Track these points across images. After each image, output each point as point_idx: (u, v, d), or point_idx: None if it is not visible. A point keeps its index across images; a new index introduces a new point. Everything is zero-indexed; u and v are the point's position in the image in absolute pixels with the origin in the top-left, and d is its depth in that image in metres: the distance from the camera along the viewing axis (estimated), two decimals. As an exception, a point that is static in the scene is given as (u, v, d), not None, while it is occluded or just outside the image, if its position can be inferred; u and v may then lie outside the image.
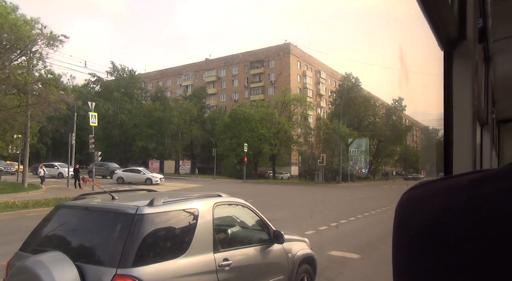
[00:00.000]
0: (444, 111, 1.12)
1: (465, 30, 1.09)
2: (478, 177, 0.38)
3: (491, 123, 2.66)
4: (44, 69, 21.95)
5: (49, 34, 20.04)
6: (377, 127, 49.16)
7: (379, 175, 56.66)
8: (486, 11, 1.54)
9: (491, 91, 2.47)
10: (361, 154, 48.34)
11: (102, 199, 3.61)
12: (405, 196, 0.45)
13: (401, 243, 0.42)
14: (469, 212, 0.36)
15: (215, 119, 52.64)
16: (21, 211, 12.56)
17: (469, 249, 0.34)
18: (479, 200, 0.36)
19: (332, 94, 58.50)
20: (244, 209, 4.16)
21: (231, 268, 3.37)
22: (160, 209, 3.05)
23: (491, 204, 0.35)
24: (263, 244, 4.00)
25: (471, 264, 0.34)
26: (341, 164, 42.63)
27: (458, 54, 1.10)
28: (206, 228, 3.31)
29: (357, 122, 50.17)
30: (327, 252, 7.70)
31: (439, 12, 0.91)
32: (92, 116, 21.24)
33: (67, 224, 3.37)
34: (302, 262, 4.46)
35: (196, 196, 3.68)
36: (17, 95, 20.63)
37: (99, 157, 23.60)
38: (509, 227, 0.33)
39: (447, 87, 1.11)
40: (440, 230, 0.37)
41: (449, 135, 1.11)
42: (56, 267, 2.59)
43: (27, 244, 3.23)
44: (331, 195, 24.63)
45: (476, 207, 0.36)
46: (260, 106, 47.27)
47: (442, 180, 0.43)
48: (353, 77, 55.09)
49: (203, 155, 55.45)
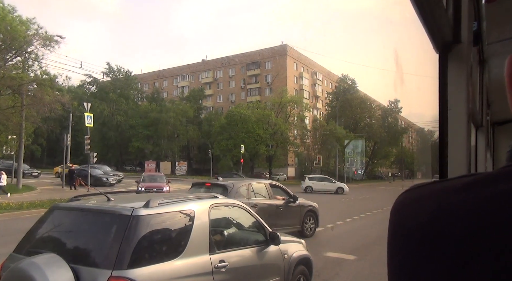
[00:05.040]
0: (439, 113, 1.13)
1: (459, 33, 1.10)
2: (472, 180, 0.39)
3: (485, 126, 2.68)
4: (39, 69, 21.87)
5: (44, 35, 19.97)
6: (373, 129, 49.36)
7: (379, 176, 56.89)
8: (480, 14, 1.56)
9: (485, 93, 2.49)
10: (357, 156, 48.48)
11: (98, 200, 3.59)
12: (400, 198, 0.45)
13: (396, 245, 0.42)
14: (463, 214, 0.36)
15: (212, 120, 52.55)
16: (15, 213, 12.46)
17: (462, 251, 0.35)
18: (473, 203, 0.36)
19: (329, 95, 58.69)
20: (240, 210, 4.16)
21: (227, 269, 3.37)
22: (156, 210, 3.04)
23: (484, 207, 0.35)
24: (259, 246, 3.99)
25: (464, 266, 0.34)
26: (338, 165, 42.75)
27: (453, 57, 1.11)
28: (202, 229, 3.30)
29: (353, 124, 50.35)
30: (323, 253, 7.71)
31: (434, 16, 0.91)
32: (88, 117, 21.12)
33: (62, 226, 3.34)
34: (298, 263, 4.47)
35: (192, 197, 3.67)
36: (11, 95, 20.50)
37: (95, 158, 23.47)
38: (502, 230, 0.33)
39: (442, 89, 1.12)
40: (434, 232, 0.37)
41: (444, 137, 1.12)
42: (50, 269, 2.56)
43: (22, 245, 3.20)
44: (327, 196, 24.65)
45: (470, 210, 0.36)
46: (257, 108, 47.27)
47: (436, 183, 0.43)
48: (349, 79, 55.34)
49: (200, 156, 55.37)
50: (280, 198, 9.33)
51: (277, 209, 8.95)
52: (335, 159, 42.74)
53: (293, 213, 9.31)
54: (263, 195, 8.98)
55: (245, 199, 8.28)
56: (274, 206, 8.91)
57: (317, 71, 62.84)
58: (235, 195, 8.03)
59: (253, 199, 8.52)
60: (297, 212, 9.43)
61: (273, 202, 8.99)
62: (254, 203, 8.38)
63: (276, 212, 8.85)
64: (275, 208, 8.91)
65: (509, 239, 0.32)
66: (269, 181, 10.74)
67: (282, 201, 9.24)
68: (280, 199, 9.27)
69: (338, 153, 42.66)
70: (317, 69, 62.80)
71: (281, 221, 8.73)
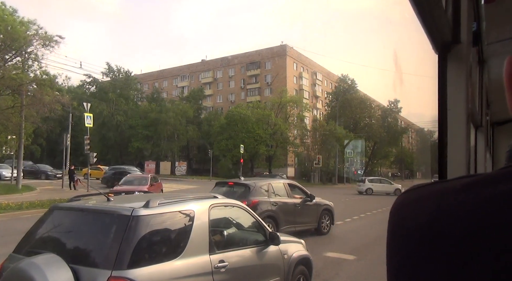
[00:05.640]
0: (439, 113, 1.13)
1: (459, 33, 1.10)
2: (471, 181, 0.39)
3: (485, 126, 2.68)
4: (39, 70, 21.86)
5: (44, 35, 19.97)
6: (373, 129, 49.31)
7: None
8: (480, 14, 1.56)
9: (485, 93, 2.49)
10: (357, 155, 48.50)
11: (97, 200, 3.59)
12: (400, 199, 0.45)
13: (395, 245, 0.43)
14: (462, 215, 0.36)
15: (212, 120, 52.54)
16: (15, 213, 12.45)
17: (461, 252, 0.35)
18: (472, 204, 0.36)
19: (328, 96, 58.65)
20: (240, 210, 4.16)
21: (227, 269, 3.37)
22: (156, 210, 3.04)
23: (484, 208, 0.35)
24: (259, 246, 3.99)
25: (463, 266, 0.34)
26: (337, 165, 42.75)
27: (452, 58, 1.11)
28: (202, 229, 3.31)
29: (353, 124, 50.32)
30: (323, 253, 7.71)
31: (433, 16, 0.91)
32: (87, 117, 21.09)
33: (62, 226, 3.34)
34: (298, 263, 4.47)
35: (192, 197, 3.67)
36: (11, 96, 20.49)
37: (94, 158, 23.45)
38: (502, 231, 0.33)
39: (442, 90, 1.12)
40: (434, 233, 0.37)
41: (444, 138, 1.12)
42: (50, 269, 2.56)
43: (21, 246, 3.19)
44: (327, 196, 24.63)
45: (469, 211, 0.36)
46: (257, 108, 47.26)
47: (436, 184, 0.43)
48: (349, 79, 55.29)
49: (199, 156, 55.31)
50: (298, 197, 9.73)
51: (295, 207, 9.32)
52: (335, 159, 42.74)
53: (310, 211, 9.74)
54: (282, 193, 9.35)
55: (266, 197, 8.73)
56: (292, 204, 9.29)
57: (317, 71, 62.83)
58: (257, 193, 8.57)
59: (273, 197, 8.92)
60: (314, 210, 9.86)
61: (292, 201, 9.36)
62: (274, 201, 8.80)
63: (295, 210, 9.27)
64: (293, 206, 9.30)
65: (508, 240, 0.32)
66: (288, 180, 11.27)
67: (300, 199, 9.64)
68: (298, 198, 9.67)
69: (338, 153, 42.66)
70: (317, 69, 62.79)
71: (299, 219, 9.27)
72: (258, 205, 8.32)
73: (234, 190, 8.99)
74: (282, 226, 8.57)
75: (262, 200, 8.55)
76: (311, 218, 9.73)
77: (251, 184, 8.85)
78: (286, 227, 8.57)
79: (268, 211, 8.48)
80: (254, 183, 8.94)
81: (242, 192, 8.68)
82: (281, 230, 8.32)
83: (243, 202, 8.21)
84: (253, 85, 59.77)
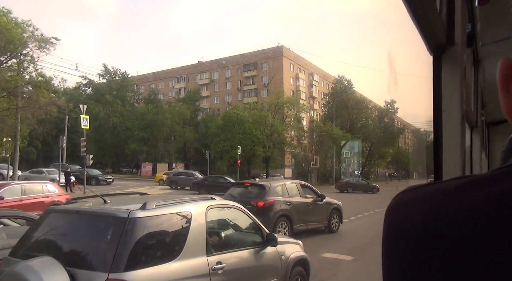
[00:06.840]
0: (434, 114, 1.14)
1: (453, 35, 1.11)
2: (466, 182, 0.39)
3: (480, 126, 2.69)
4: (35, 71, 21.76)
5: (40, 37, 19.89)
6: (370, 129, 49.45)
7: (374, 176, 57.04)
8: (474, 16, 1.57)
9: (480, 94, 2.51)
10: (353, 156, 48.57)
11: (94, 202, 3.57)
12: (395, 200, 0.45)
13: (390, 246, 0.43)
14: (457, 216, 0.36)
15: (208, 122, 52.41)
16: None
17: (456, 252, 0.35)
18: (467, 205, 0.36)
19: (325, 96, 58.76)
20: (237, 211, 4.16)
21: (225, 271, 3.36)
22: (153, 212, 3.03)
23: (478, 209, 0.36)
24: (256, 247, 3.99)
25: (458, 267, 0.34)
26: (334, 166, 42.79)
27: (447, 59, 1.11)
28: (199, 231, 3.30)
29: (350, 125, 50.43)
30: (320, 254, 7.71)
31: (427, 18, 0.92)
32: (84, 119, 20.99)
33: (58, 229, 3.32)
34: (296, 264, 4.47)
35: (189, 199, 3.66)
36: (7, 98, 20.37)
37: (91, 160, 23.32)
38: (496, 231, 0.33)
39: (436, 91, 1.13)
40: (428, 234, 0.38)
41: (439, 138, 1.13)
42: (46, 272, 2.54)
43: (17, 249, 3.17)
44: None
45: (464, 212, 0.36)
46: (254, 109, 47.22)
47: (431, 185, 0.44)
48: (345, 80, 55.37)
49: (196, 157, 55.16)
50: (310, 197, 10.15)
51: (307, 206, 9.78)
52: (332, 160, 42.79)
53: (321, 210, 10.23)
54: (295, 193, 9.78)
55: (281, 197, 9.22)
56: (305, 204, 9.75)
57: (314, 72, 62.93)
58: (272, 194, 9.06)
59: (287, 197, 9.37)
60: (324, 209, 10.34)
61: (304, 200, 9.81)
62: (288, 200, 9.29)
63: (307, 209, 9.74)
64: (305, 205, 9.76)
65: (503, 241, 0.32)
66: (300, 181, 11.71)
67: (311, 199, 10.09)
68: (309, 198, 10.10)
69: (335, 153, 42.72)
70: (314, 70, 62.89)
71: (311, 217, 9.79)
72: (274, 204, 8.87)
73: (250, 190, 9.58)
74: (295, 224, 9.16)
75: (277, 199, 9.04)
76: (322, 216, 10.19)
77: (266, 184, 9.38)
78: (299, 225, 9.22)
79: (283, 210, 9.01)
80: (270, 184, 9.43)
81: (258, 193, 9.21)
82: (294, 228, 9.05)
83: (259, 202, 8.82)
84: (249, 86, 59.76)
